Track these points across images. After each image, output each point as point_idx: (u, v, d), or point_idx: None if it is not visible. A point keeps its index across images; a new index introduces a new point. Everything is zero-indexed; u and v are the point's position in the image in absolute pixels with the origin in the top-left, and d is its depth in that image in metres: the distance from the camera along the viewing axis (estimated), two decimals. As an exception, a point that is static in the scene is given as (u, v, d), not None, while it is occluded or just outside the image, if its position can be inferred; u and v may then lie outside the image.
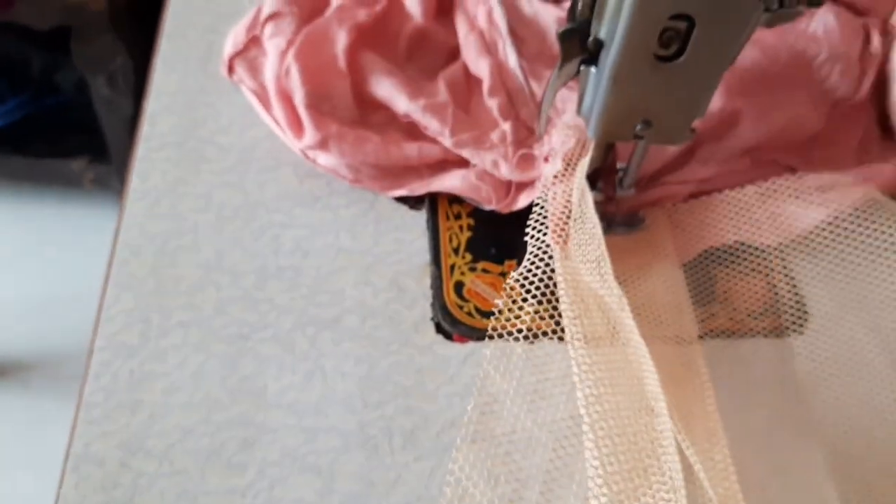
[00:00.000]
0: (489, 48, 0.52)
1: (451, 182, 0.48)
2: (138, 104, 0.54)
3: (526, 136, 0.48)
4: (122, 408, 0.39)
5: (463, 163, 0.49)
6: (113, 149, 1.24)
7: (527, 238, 0.42)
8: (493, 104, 0.50)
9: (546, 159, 0.47)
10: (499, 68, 0.51)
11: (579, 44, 0.38)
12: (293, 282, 0.45)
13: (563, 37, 0.38)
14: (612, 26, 0.35)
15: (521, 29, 0.54)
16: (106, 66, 1.10)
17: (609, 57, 0.36)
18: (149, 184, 0.48)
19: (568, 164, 0.44)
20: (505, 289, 0.41)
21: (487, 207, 0.48)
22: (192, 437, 0.39)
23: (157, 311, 0.43)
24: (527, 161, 0.47)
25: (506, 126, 0.48)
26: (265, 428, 0.39)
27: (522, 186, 0.48)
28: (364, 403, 0.40)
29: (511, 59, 0.51)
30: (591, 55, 0.38)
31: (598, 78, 0.38)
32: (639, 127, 0.40)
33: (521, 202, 0.47)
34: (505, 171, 0.47)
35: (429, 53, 0.54)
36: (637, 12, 0.34)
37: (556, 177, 0.44)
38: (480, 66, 0.51)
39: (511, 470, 0.38)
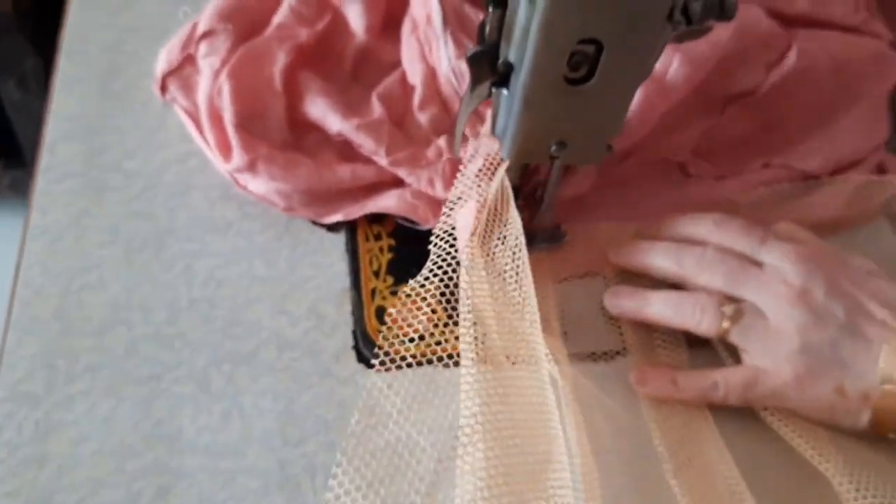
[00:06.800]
0: (425, 51, 0.51)
1: (386, 202, 0.47)
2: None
3: (460, 147, 0.47)
4: (27, 462, 0.38)
5: (397, 182, 0.48)
6: (28, 152, 1.20)
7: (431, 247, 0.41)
8: (424, 119, 0.49)
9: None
10: (432, 75, 0.50)
11: (489, 66, 0.37)
12: (207, 315, 0.43)
13: (473, 60, 0.37)
14: (521, 50, 0.34)
15: (467, 27, 0.53)
16: (15, 68, 1.06)
17: (519, 80, 0.36)
18: (49, 218, 0.45)
19: (489, 170, 0.43)
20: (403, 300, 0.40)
21: (425, 227, 0.46)
22: (105, 488, 0.37)
23: (63, 355, 0.41)
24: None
25: (440, 142, 0.47)
26: (181, 473, 0.38)
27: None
28: (284, 441, 0.39)
29: (443, 62, 0.50)
30: (502, 77, 0.37)
31: (510, 100, 0.37)
32: (553, 148, 0.39)
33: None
34: (440, 189, 0.46)
35: (375, 71, 0.53)
36: (544, 38, 0.33)
37: (473, 182, 0.43)
38: (415, 73, 0.50)
39: (393, 477, 0.37)
